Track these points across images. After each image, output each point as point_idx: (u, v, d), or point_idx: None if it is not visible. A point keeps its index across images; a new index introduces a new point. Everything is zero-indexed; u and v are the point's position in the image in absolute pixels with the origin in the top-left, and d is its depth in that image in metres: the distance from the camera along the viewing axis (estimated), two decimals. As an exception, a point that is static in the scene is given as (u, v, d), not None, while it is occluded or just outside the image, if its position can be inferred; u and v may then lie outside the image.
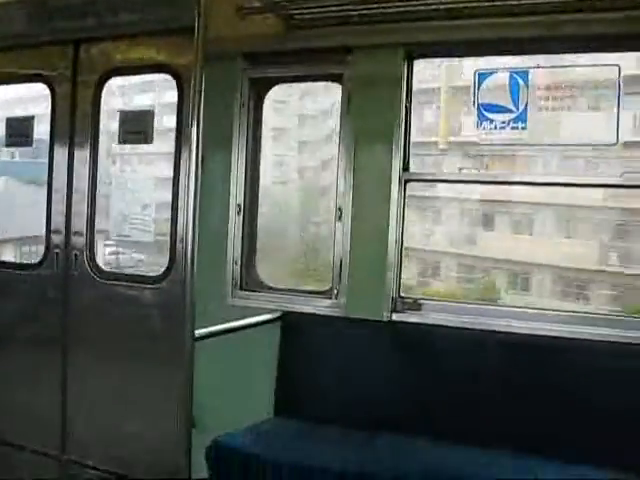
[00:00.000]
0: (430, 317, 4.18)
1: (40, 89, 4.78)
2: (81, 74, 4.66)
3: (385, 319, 4.23)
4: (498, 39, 3.99)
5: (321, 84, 4.79)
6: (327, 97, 4.79)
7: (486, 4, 3.78)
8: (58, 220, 4.67)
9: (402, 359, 4.11)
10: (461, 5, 3.84)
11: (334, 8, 4.03)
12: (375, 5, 3.92)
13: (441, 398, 3.91)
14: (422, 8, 3.89)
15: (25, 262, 4.94)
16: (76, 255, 4.57)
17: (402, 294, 4.28)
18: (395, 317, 4.23)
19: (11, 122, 4.96)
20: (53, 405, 4.45)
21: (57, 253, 4.64)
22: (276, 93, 4.82)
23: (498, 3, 3.76)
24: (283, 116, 5.24)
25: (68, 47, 4.69)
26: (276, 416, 4.29)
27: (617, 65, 3.82)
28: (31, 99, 5.13)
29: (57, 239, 4.65)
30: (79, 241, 4.58)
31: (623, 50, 3.85)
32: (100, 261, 4.59)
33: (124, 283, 4.43)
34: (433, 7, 3.88)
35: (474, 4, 3.81)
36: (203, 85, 3.41)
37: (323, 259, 4.69)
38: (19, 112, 5.07)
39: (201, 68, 3.40)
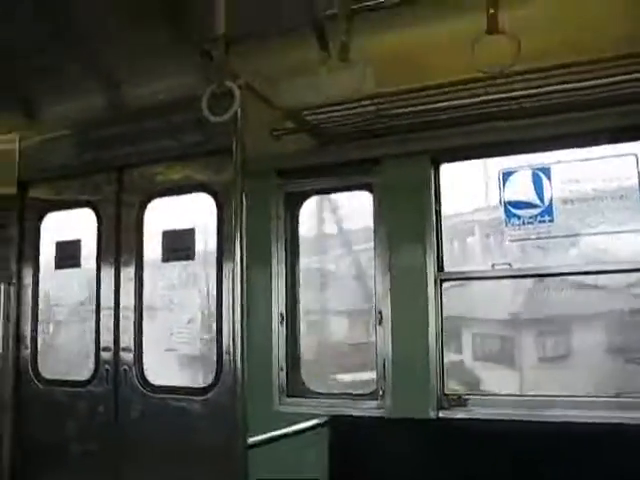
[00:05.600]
0: (477, 412, 4.21)
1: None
2: (125, 197, 4.93)
3: (432, 417, 4.26)
4: (518, 139, 4.17)
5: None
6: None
7: (504, 108, 3.96)
8: (106, 337, 4.84)
9: (451, 456, 4.09)
10: (480, 111, 4.01)
11: (360, 123, 4.24)
12: (399, 118, 4.12)
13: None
14: (443, 117, 4.08)
15: (76, 379, 5.06)
16: (125, 370, 4.71)
17: (446, 391, 4.31)
18: (442, 414, 4.25)
19: (61, 245, 5.24)
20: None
21: (107, 369, 4.77)
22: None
23: (515, 106, 3.95)
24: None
25: (112, 173, 4.99)
26: (329, 520, 4.27)
27: (635, 154, 3.99)
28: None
29: (106, 355, 4.80)
30: (127, 356, 4.73)
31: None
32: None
33: (173, 395, 4.54)
34: (454, 115, 4.06)
35: (492, 109, 3.98)
36: (244, 203, 3.57)
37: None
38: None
39: (242, 186, 3.55)
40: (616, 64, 3.45)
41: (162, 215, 4.89)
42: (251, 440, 3.61)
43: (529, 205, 4.19)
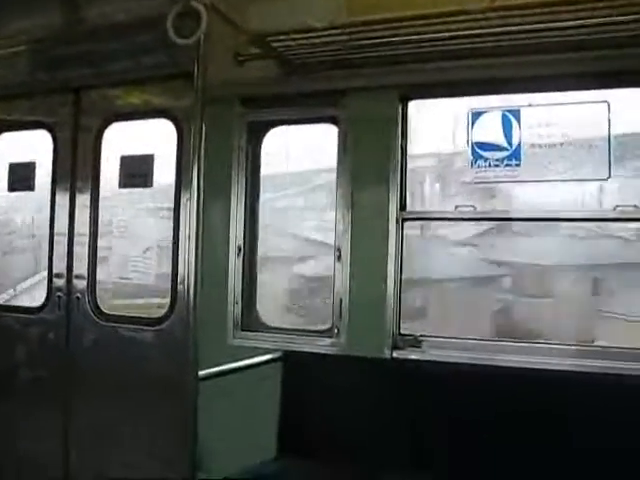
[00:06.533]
0: (431, 354, 4.21)
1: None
2: (82, 120, 4.74)
3: (386, 356, 4.26)
4: (490, 79, 4.09)
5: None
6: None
7: (478, 45, 3.87)
8: (60, 264, 4.72)
9: (404, 396, 4.10)
10: (453, 47, 3.92)
11: (329, 53, 4.12)
12: (369, 49, 4.01)
13: (442, 434, 3.91)
14: (415, 51, 3.98)
15: (27, 305, 4.96)
16: (78, 298, 4.61)
17: (402, 331, 4.31)
18: (396, 354, 4.26)
19: (14, 168, 5.05)
20: (55, 449, 4.44)
21: (59, 296, 4.67)
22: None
23: (489, 44, 3.86)
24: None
25: (69, 94, 4.78)
26: (279, 455, 4.28)
27: (606, 102, 3.92)
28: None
29: (59, 282, 4.69)
30: (81, 284, 4.62)
31: (612, 87, 3.93)
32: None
33: (126, 325, 4.46)
34: (426, 50, 3.97)
35: (465, 46, 3.90)
36: (204, 129, 3.47)
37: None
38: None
39: (201, 113, 3.45)
40: (594, 6, 3.36)
41: (121, 140, 4.72)
42: (202, 373, 3.59)
43: (497, 147, 4.13)
